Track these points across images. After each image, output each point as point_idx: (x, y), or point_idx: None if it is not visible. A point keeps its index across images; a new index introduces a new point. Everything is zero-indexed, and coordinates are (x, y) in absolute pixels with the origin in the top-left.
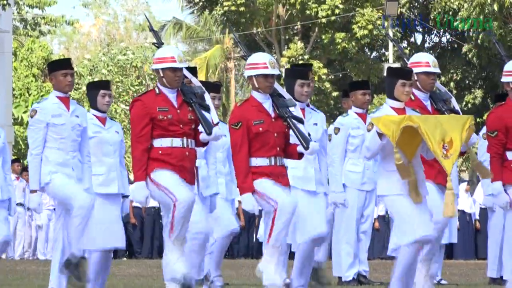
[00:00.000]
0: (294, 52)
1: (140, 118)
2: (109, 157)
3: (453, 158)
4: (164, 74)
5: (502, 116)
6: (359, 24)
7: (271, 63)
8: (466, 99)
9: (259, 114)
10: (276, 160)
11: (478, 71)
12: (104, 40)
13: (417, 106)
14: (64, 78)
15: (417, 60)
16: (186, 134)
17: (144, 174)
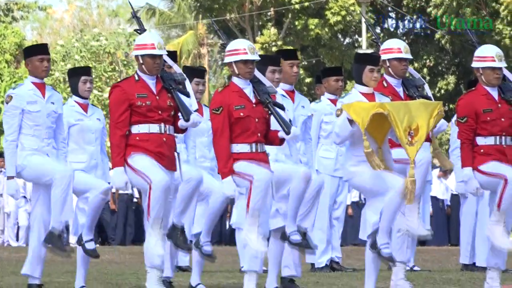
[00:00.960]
0: (268, 38)
1: (119, 104)
2: (91, 145)
3: (418, 145)
4: (143, 60)
5: (472, 102)
6: (332, 10)
7: (250, 49)
8: (439, 85)
9: (240, 100)
10: (258, 147)
11: (451, 57)
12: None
13: (389, 93)
14: (40, 63)
15: (389, 46)
16: (164, 120)
17: (122, 160)
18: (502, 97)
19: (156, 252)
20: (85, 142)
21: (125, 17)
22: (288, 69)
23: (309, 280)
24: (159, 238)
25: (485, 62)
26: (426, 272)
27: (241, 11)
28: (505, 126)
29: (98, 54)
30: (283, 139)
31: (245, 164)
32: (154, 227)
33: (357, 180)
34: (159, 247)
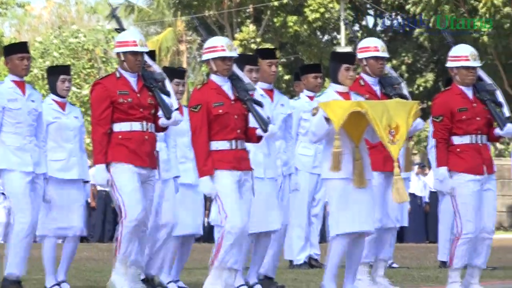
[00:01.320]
0: (246, 35)
1: (100, 101)
2: (69, 143)
3: (400, 144)
4: (125, 58)
5: (447, 101)
6: (311, 7)
7: (228, 46)
8: (418, 82)
9: (218, 97)
10: (237, 144)
11: (430, 54)
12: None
13: (366, 91)
14: (20, 61)
15: (366, 45)
16: (145, 118)
17: (104, 157)
18: (477, 96)
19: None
20: (63, 140)
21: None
22: (267, 68)
23: (288, 277)
24: (126, 278)
25: (460, 61)
26: (404, 269)
27: (220, 8)
28: (481, 125)
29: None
30: (260, 136)
31: (228, 191)
32: (121, 264)
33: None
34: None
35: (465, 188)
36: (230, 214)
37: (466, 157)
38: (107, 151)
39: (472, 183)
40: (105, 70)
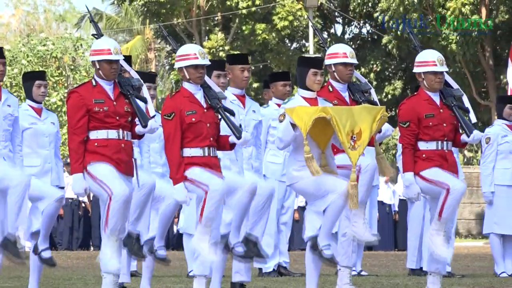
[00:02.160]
0: (215, 43)
1: (76, 109)
2: (45, 149)
3: (360, 150)
4: (100, 66)
5: (414, 107)
6: (279, 15)
7: (201, 54)
8: (386, 90)
9: (191, 105)
10: (210, 151)
11: (398, 62)
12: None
13: (335, 97)
14: None
15: (334, 51)
16: (122, 126)
17: (81, 166)
18: (443, 102)
19: (112, 265)
20: (39, 146)
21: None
22: (239, 74)
23: (257, 285)
24: (115, 250)
25: (427, 66)
26: (373, 277)
27: (188, 16)
28: (447, 131)
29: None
30: (234, 143)
31: (199, 171)
32: (110, 239)
33: (300, 184)
34: (114, 259)
35: (433, 170)
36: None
37: (432, 163)
38: (84, 160)
39: None
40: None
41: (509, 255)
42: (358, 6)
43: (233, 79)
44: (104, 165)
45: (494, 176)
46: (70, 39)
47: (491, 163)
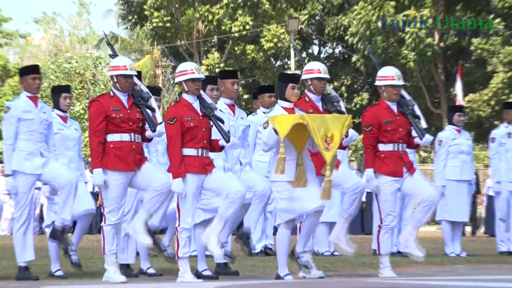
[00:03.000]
0: (212, 61)
1: (96, 115)
2: (70, 150)
3: (333, 151)
4: (117, 79)
5: (376, 114)
6: (266, 38)
7: (197, 69)
8: (355, 100)
9: (190, 112)
10: (203, 152)
11: (365, 77)
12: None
13: (310, 107)
14: (33, 81)
15: (310, 68)
16: (133, 130)
17: (100, 162)
18: (400, 110)
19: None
20: (65, 148)
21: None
22: (230, 86)
23: (247, 263)
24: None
25: (387, 80)
26: (344, 257)
27: (189, 38)
28: (402, 135)
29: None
30: (223, 146)
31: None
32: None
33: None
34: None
35: (387, 188)
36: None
37: (389, 162)
38: (103, 158)
39: (392, 184)
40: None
41: (457, 238)
42: (332, 30)
43: (225, 91)
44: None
45: (445, 172)
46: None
47: (443, 162)
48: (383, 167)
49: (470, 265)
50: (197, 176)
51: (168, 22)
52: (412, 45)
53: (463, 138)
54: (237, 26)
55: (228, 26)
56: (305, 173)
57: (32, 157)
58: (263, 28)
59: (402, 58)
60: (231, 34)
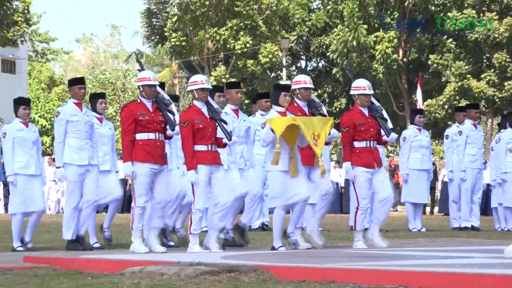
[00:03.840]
0: (219, 73)
1: (126, 118)
2: (105, 146)
3: (321, 146)
4: (143, 89)
5: (351, 117)
6: (263, 54)
7: (206, 81)
8: (335, 105)
9: (199, 116)
10: (212, 147)
11: (343, 86)
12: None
13: (298, 111)
14: (79, 90)
15: (298, 79)
16: (157, 130)
17: (130, 156)
18: (370, 114)
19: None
20: (101, 144)
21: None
22: (235, 95)
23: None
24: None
25: (359, 90)
26: (326, 231)
27: (201, 54)
28: (373, 134)
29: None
30: (226, 143)
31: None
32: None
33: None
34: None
35: (361, 177)
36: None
37: (363, 156)
38: (132, 153)
39: (365, 173)
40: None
41: (418, 216)
42: (316, 48)
43: (230, 99)
44: (143, 174)
45: (408, 163)
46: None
47: (406, 154)
48: (358, 160)
49: (429, 238)
50: (208, 167)
51: (183, 41)
52: (381, 60)
53: (423, 135)
54: (240, 44)
55: (232, 44)
56: (296, 164)
57: (80, 151)
58: (260, 46)
59: (373, 71)
60: (234, 51)
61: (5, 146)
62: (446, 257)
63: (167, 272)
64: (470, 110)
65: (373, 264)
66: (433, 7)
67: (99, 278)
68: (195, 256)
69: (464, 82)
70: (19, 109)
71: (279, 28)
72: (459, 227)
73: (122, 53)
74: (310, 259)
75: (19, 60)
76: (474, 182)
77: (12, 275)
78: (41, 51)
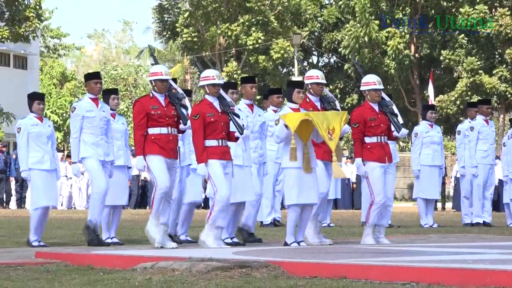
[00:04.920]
0: (231, 68)
1: (138, 113)
2: (118, 140)
3: (335, 140)
4: (155, 83)
5: (362, 113)
6: (274, 50)
7: (217, 76)
8: (347, 101)
9: (210, 109)
10: (222, 142)
11: (355, 82)
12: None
13: (311, 106)
14: (95, 85)
15: (310, 74)
16: (170, 124)
17: (142, 150)
18: (381, 110)
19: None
20: (115, 139)
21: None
22: (249, 90)
23: (259, 233)
24: (157, 226)
25: (370, 85)
26: (338, 227)
27: (212, 50)
28: (384, 129)
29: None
30: (238, 137)
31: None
32: (154, 218)
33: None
34: (157, 234)
35: (374, 171)
36: (219, 188)
37: (374, 151)
38: (144, 147)
39: (379, 168)
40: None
41: (430, 212)
42: (328, 44)
43: (245, 93)
44: (157, 160)
45: (420, 159)
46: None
47: (418, 150)
48: (370, 155)
49: (440, 234)
50: (218, 161)
51: (195, 37)
52: (393, 56)
53: (434, 131)
54: (251, 40)
55: (244, 40)
56: (310, 160)
57: (96, 146)
58: (272, 42)
59: (384, 66)
60: (246, 46)
61: (20, 141)
62: (457, 253)
63: (179, 267)
64: (482, 106)
65: (384, 260)
66: (445, 3)
67: (110, 273)
68: (206, 251)
69: (476, 77)
70: (34, 104)
71: (291, 24)
72: (470, 223)
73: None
74: (322, 255)
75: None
76: (486, 178)
77: (24, 270)
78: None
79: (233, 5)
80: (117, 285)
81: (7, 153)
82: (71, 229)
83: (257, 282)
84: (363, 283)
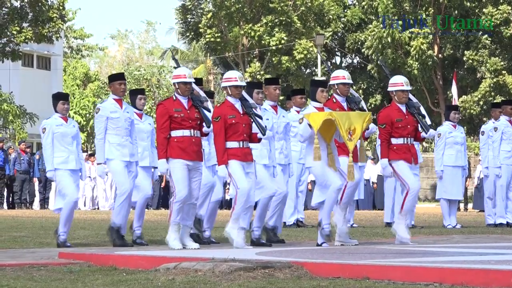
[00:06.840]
0: (254, 69)
1: (161, 116)
2: (144, 141)
3: (355, 141)
4: (178, 86)
5: (389, 114)
6: (297, 50)
7: (240, 78)
8: (370, 101)
9: (232, 111)
10: (243, 144)
11: (378, 82)
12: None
13: (337, 106)
14: (119, 86)
15: (336, 74)
16: (193, 127)
17: (165, 154)
18: (408, 111)
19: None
20: (140, 139)
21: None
22: (273, 91)
23: (282, 233)
24: (176, 236)
25: (397, 86)
26: (361, 228)
27: (235, 50)
28: (410, 131)
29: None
30: (260, 138)
31: (236, 167)
32: (173, 228)
33: (313, 170)
34: (176, 241)
35: (401, 165)
36: (239, 182)
37: (400, 152)
38: (167, 150)
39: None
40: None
41: (453, 213)
42: (351, 44)
43: (268, 95)
44: (179, 168)
45: (443, 159)
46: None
47: (441, 151)
48: (396, 156)
49: (464, 235)
50: (239, 162)
51: (218, 37)
52: (416, 56)
53: (458, 132)
54: (274, 41)
55: (267, 41)
56: (334, 159)
57: (121, 147)
58: (295, 43)
59: (407, 67)
60: (269, 47)
61: (45, 141)
62: (481, 254)
63: (202, 268)
64: (506, 106)
65: (407, 261)
66: (468, 3)
67: (133, 274)
68: (229, 252)
69: (500, 78)
70: (58, 104)
71: (314, 25)
72: (494, 224)
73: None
74: (345, 255)
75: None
76: (509, 178)
77: (47, 271)
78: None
79: (256, 5)
80: (140, 285)
81: (31, 154)
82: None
83: (280, 283)
84: (386, 283)
